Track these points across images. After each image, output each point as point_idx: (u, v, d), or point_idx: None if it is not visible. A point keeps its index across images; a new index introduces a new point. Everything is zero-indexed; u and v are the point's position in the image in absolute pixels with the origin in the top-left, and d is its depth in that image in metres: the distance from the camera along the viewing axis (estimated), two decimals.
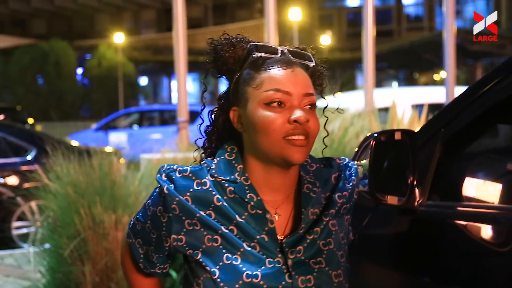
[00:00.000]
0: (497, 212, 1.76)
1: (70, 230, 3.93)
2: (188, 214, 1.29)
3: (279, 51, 1.33)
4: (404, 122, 4.89)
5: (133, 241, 1.41)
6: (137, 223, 1.40)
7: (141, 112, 16.78)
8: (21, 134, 7.23)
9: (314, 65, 1.37)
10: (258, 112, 1.27)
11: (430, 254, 1.79)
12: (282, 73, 1.29)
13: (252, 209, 1.29)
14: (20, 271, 5.08)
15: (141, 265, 1.41)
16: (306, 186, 1.34)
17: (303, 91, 1.29)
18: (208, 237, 1.28)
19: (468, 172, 1.91)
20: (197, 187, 1.30)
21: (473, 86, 1.85)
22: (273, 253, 1.28)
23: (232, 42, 1.36)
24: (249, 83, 1.30)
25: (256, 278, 1.25)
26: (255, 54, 1.31)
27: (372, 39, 6.17)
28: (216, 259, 1.27)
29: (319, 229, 1.33)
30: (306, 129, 1.26)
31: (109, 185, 3.99)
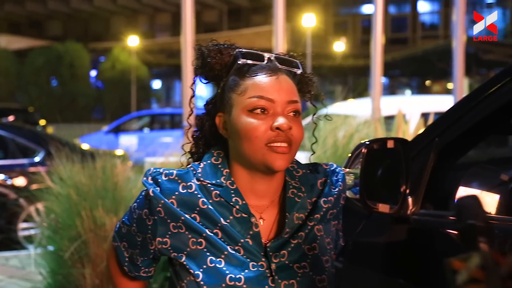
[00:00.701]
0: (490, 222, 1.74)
1: (71, 232, 3.94)
2: (173, 217, 1.29)
3: (266, 58, 1.33)
4: (410, 131, 4.86)
5: (118, 245, 1.41)
6: (122, 226, 1.40)
7: (153, 115, 16.85)
8: (30, 136, 7.28)
9: (301, 72, 1.37)
10: (241, 119, 1.28)
11: (423, 263, 1.77)
12: (266, 80, 1.29)
13: (237, 212, 1.29)
14: (23, 272, 5.10)
15: (126, 268, 1.42)
16: (291, 191, 1.34)
17: (287, 98, 1.28)
18: (192, 240, 1.29)
19: (462, 181, 1.89)
20: (182, 190, 1.30)
21: (468, 96, 1.84)
22: (256, 257, 1.28)
23: (219, 48, 1.36)
24: (234, 90, 1.31)
25: (239, 281, 1.25)
26: (241, 61, 1.31)
27: (380, 47, 6.15)
28: (200, 262, 1.28)
29: (303, 234, 1.33)
30: (289, 136, 1.26)
31: (111, 188, 4.00)
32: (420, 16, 39.21)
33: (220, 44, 1.37)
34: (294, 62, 1.36)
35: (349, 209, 1.96)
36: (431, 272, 1.74)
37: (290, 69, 1.34)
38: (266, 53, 1.35)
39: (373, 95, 6.09)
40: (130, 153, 8.12)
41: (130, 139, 14.03)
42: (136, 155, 7.55)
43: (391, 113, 5.81)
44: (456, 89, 5.82)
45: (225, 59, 1.35)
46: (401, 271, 1.85)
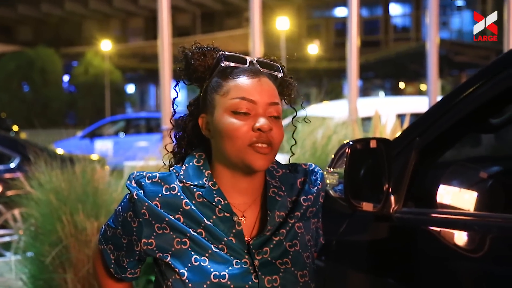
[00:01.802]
0: (470, 219, 1.79)
1: (52, 237, 3.92)
2: (157, 218, 1.33)
3: (248, 61, 1.37)
4: (386, 131, 4.93)
5: (104, 247, 1.44)
6: (108, 229, 1.43)
7: (127, 119, 16.75)
8: (4, 142, 7.18)
9: (282, 76, 1.42)
10: (224, 119, 1.32)
11: (405, 260, 1.82)
12: (249, 82, 1.33)
13: (220, 212, 1.33)
14: (2, 279, 5.03)
15: (112, 270, 1.45)
16: (271, 190, 1.39)
17: (268, 100, 1.33)
18: (177, 240, 1.32)
19: (443, 180, 1.94)
20: (166, 192, 1.34)
21: (447, 96, 1.89)
22: (240, 254, 1.32)
23: (203, 51, 1.40)
24: (217, 91, 1.35)
25: (224, 278, 1.29)
26: (224, 63, 1.36)
27: (356, 49, 6.23)
28: (185, 260, 1.31)
29: (285, 231, 1.37)
30: (269, 137, 1.31)
31: (92, 192, 3.99)
32: (392, 18, 39.63)
33: (203, 47, 1.41)
34: (275, 66, 1.41)
35: (332, 208, 2.00)
36: (414, 269, 1.79)
37: (272, 72, 1.39)
38: (248, 57, 1.39)
39: (349, 97, 6.17)
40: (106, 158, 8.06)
41: (105, 144, 13.91)
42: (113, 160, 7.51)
43: (367, 114, 5.88)
44: (431, 90, 5.92)
45: (208, 61, 1.39)
46: (384, 268, 1.89)
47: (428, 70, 5.97)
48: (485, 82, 1.77)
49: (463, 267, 1.68)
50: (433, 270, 1.71)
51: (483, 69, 1.82)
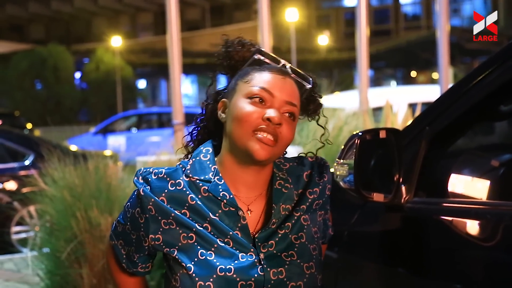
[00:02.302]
0: (482, 208, 1.79)
1: (67, 233, 3.96)
2: (163, 214, 1.34)
3: (282, 62, 1.42)
4: (398, 121, 4.91)
5: (115, 243, 1.47)
6: (118, 225, 1.46)
7: (139, 115, 16.80)
8: (18, 139, 7.26)
9: (312, 90, 1.45)
10: (239, 102, 1.34)
11: (417, 250, 1.81)
12: (273, 76, 1.36)
13: (225, 206, 1.35)
14: (20, 275, 5.10)
15: (124, 265, 1.47)
16: (278, 182, 1.40)
17: (286, 98, 1.35)
18: (183, 235, 1.34)
19: (454, 169, 1.94)
20: (171, 188, 1.36)
21: (457, 84, 1.88)
22: (246, 247, 1.34)
23: (242, 42, 1.45)
24: (243, 78, 1.38)
25: (229, 271, 1.30)
26: (257, 56, 1.41)
27: (366, 39, 6.19)
28: (192, 255, 1.33)
29: (290, 224, 1.38)
30: (276, 131, 1.32)
31: (105, 188, 4.02)
32: (402, 7, 39.38)
33: (244, 39, 1.46)
34: (305, 76, 1.44)
35: (343, 199, 2.00)
36: (426, 259, 1.78)
37: (301, 80, 1.42)
38: (284, 61, 1.43)
39: (360, 87, 6.14)
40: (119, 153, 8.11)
41: (118, 140, 13.99)
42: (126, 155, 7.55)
43: (379, 104, 5.86)
44: (442, 79, 5.88)
45: (245, 53, 1.43)
46: (396, 259, 1.89)
47: (439, 58, 5.93)
48: (495, 69, 1.75)
49: (475, 257, 1.67)
50: (445, 260, 1.70)
51: (492, 56, 1.80)
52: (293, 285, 1.34)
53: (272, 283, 1.33)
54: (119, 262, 1.48)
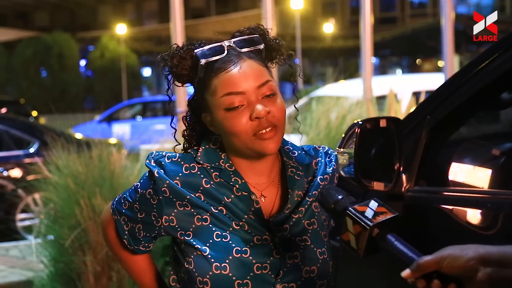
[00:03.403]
0: (482, 197, 1.79)
1: (71, 221, 3.98)
2: (178, 196, 1.34)
3: (225, 48, 1.34)
4: (401, 110, 4.90)
5: (118, 218, 1.44)
6: (123, 201, 1.43)
7: (144, 103, 16.83)
8: (23, 127, 7.29)
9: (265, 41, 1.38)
10: (221, 118, 1.32)
11: (417, 239, 1.82)
12: (231, 74, 1.31)
13: (238, 191, 1.35)
14: (24, 262, 5.14)
15: (125, 241, 1.45)
16: (290, 170, 1.41)
17: (256, 84, 1.31)
18: (198, 217, 1.34)
19: (454, 157, 1.94)
20: (186, 171, 1.35)
21: (458, 73, 1.88)
22: (260, 231, 1.34)
23: (180, 54, 1.37)
24: (206, 91, 1.34)
25: (245, 253, 1.31)
26: (202, 62, 1.33)
27: (369, 27, 6.16)
28: (207, 237, 1.33)
29: (303, 209, 1.39)
30: (270, 120, 1.30)
31: (109, 176, 4.03)
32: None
33: (180, 48, 1.38)
34: (254, 40, 1.36)
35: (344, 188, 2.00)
36: (426, 247, 1.79)
37: (252, 48, 1.35)
38: (225, 41, 1.35)
39: (364, 76, 6.13)
40: (124, 141, 8.13)
41: (123, 128, 14.02)
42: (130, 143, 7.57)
43: (383, 93, 5.85)
44: (447, 67, 5.85)
45: (189, 62, 1.36)
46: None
47: (443, 46, 5.90)
48: (497, 57, 1.75)
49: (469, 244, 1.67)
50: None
51: (494, 45, 1.80)
52: (307, 270, 1.36)
53: (288, 266, 1.34)
54: (120, 237, 1.46)
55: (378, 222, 1.15)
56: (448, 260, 1.03)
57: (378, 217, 1.16)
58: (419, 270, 1.05)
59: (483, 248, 1.04)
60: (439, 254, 1.05)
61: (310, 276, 1.36)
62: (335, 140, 4.38)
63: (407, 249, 1.11)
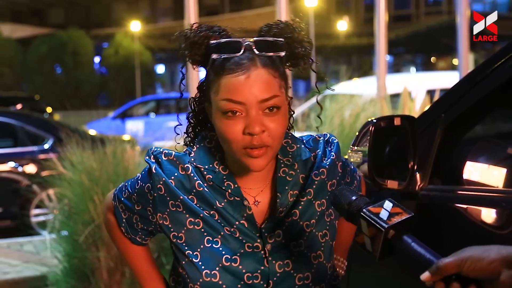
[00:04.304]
0: (498, 196, 1.78)
1: (85, 216, 4.01)
2: (172, 195, 1.32)
3: (243, 47, 1.25)
4: (415, 108, 4.88)
5: (116, 205, 1.43)
6: (124, 190, 1.42)
7: (158, 100, 16.89)
8: (38, 123, 7.36)
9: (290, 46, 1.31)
10: (217, 120, 1.27)
11: (431, 238, 1.81)
12: (237, 80, 1.23)
13: (230, 196, 1.31)
14: (39, 257, 5.18)
15: (122, 229, 1.43)
16: (282, 170, 1.34)
17: (260, 97, 1.22)
18: (190, 220, 1.31)
19: (469, 156, 1.92)
20: (181, 172, 1.32)
21: (473, 71, 1.86)
22: (252, 238, 1.31)
23: (195, 42, 1.30)
24: (211, 87, 1.28)
25: (235, 262, 1.29)
26: (213, 56, 1.27)
27: (384, 25, 6.13)
28: (198, 242, 1.31)
29: (297, 211, 1.34)
30: (263, 140, 1.23)
31: (122, 173, 4.05)
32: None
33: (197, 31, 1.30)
34: (277, 44, 1.28)
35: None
36: (440, 247, 1.78)
37: (272, 54, 1.26)
38: (245, 40, 1.27)
39: (378, 74, 6.10)
40: (137, 138, 8.17)
41: (136, 124, 14.08)
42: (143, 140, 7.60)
43: (397, 91, 5.82)
44: (461, 65, 5.80)
45: (202, 49, 1.29)
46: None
47: (458, 44, 5.85)
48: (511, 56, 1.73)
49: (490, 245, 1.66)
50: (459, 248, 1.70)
51: (509, 43, 1.78)
52: (301, 277, 1.32)
53: (278, 275, 1.30)
54: (118, 224, 1.44)
55: (394, 223, 1.13)
56: (469, 262, 1.00)
57: (393, 218, 1.13)
58: (439, 273, 1.02)
59: (505, 249, 1.00)
60: (460, 256, 1.01)
61: (304, 283, 1.32)
62: (349, 138, 4.37)
63: (425, 251, 1.09)
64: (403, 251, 1.11)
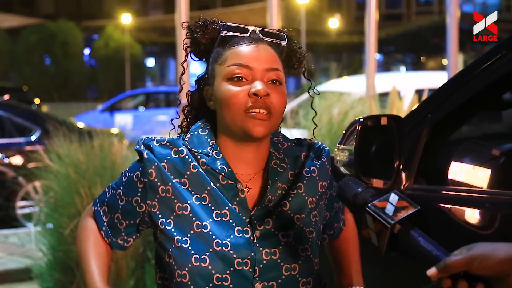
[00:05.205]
0: (481, 196, 1.79)
1: (70, 210, 3.98)
2: (163, 180, 1.32)
3: (249, 30, 1.36)
4: (404, 107, 4.90)
5: (97, 209, 1.42)
6: (108, 190, 1.42)
7: (147, 93, 16.83)
8: (26, 115, 7.30)
9: (289, 45, 1.39)
10: (221, 87, 1.31)
11: None
12: (245, 48, 1.32)
13: (223, 179, 1.33)
14: (23, 249, 5.16)
15: (102, 233, 1.41)
16: (274, 162, 1.38)
17: (265, 66, 1.31)
18: (178, 205, 1.32)
19: (454, 157, 1.94)
20: (174, 155, 1.34)
21: (460, 73, 1.88)
22: (242, 222, 1.32)
23: (205, 24, 1.38)
24: (217, 60, 1.35)
25: (226, 247, 1.29)
26: (223, 33, 1.35)
27: (374, 23, 6.14)
28: (187, 227, 1.31)
29: (287, 202, 1.36)
30: (267, 103, 1.29)
31: (109, 166, 4.03)
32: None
33: (206, 20, 1.40)
34: (278, 34, 1.38)
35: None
36: None
37: (274, 40, 1.36)
38: (250, 27, 1.37)
39: (367, 72, 6.11)
40: (125, 131, 8.14)
41: (125, 118, 14.02)
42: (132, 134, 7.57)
43: (386, 90, 5.84)
44: (450, 65, 5.84)
45: (211, 33, 1.38)
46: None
47: (448, 44, 5.88)
48: (499, 58, 1.75)
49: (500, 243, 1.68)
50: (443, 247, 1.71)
51: (497, 45, 1.79)
52: (288, 267, 1.33)
53: (265, 263, 1.31)
54: (98, 228, 1.41)
55: (400, 218, 1.11)
56: (478, 261, 0.99)
57: (399, 213, 1.12)
58: (447, 270, 1.01)
59: None
60: (469, 254, 1.00)
61: (291, 274, 1.33)
62: (337, 136, 4.38)
63: (432, 247, 1.08)
64: (410, 246, 1.10)
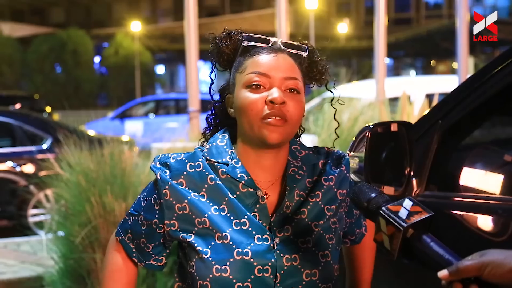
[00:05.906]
0: (494, 203, 1.77)
1: (81, 218, 3.99)
2: (178, 198, 1.34)
3: (271, 41, 1.39)
4: (414, 112, 4.87)
5: (122, 238, 1.44)
6: (128, 218, 1.44)
7: (157, 101, 16.85)
8: (37, 123, 7.34)
9: (311, 56, 1.42)
10: (240, 94, 1.34)
11: None
12: (264, 57, 1.35)
13: (244, 187, 1.34)
14: (35, 257, 5.17)
15: (135, 259, 1.44)
16: (292, 169, 1.39)
17: (283, 75, 1.33)
18: (197, 220, 1.33)
19: (466, 163, 1.92)
20: (190, 170, 1.36)
21: (471, 77, 1.86)
22: (262, 230, 1.33)
23: (229, 34, 1.42)
24: (237, 69, 1.38)
25: (247, 255, 1.30)
26: (245, 43, 1.38)
27: (384, 28, 6.13)
28: (208, 239, 1.32)
29: (306, 210, 1.37)
30: (283, 110, 1.30)
31: (120, 174, 4.04)
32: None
33: (230, 31, 1.43)
34: (300, 46, 1.40)
35: None
36: None
37: (295, 51, 1.39)
38: (273, 38, 1.40)
39: (377, 77, 6.09)
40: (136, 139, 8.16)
41: (135, 125, 14.05)
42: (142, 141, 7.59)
43: (396, 94, 5.81)
44: (461, 69, 5.81)
45: (234, 44, 1.41)
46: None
47: (458, 47, 5.85)
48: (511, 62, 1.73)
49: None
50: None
51: (509, 49, 1.78)
52: (308, 273, 1.33)
53: (285, 269, 1.31)
54: (129, 256, 1.44)
55: (413, 222, 1.11)
56: (490, 267, 0.99)
57: (413, 217, 1.12)
58: (458, 274, 1.01)
59: None
60: (481, 260, 1.00)
61: (311, 280, 1.34)
62: (347, 141, 4.36)
63: (444, 251, 1.08)
64: (422, 251, 1.10)
